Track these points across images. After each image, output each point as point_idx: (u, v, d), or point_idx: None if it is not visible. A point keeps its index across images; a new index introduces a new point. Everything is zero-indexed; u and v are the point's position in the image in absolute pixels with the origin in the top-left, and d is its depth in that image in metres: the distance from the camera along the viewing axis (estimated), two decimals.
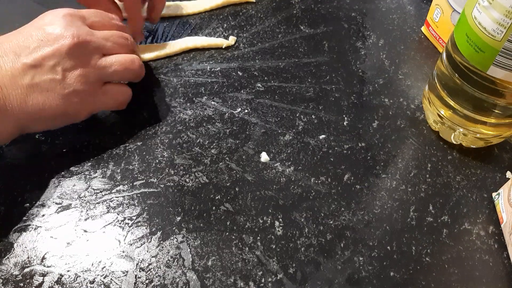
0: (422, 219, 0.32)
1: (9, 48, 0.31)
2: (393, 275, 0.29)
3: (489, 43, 0.27)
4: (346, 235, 0.31)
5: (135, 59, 0.35)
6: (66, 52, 0.31)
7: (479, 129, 0.33)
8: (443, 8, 0.41)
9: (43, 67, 0.31)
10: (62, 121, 0.34)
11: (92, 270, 0.29)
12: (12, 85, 0.30)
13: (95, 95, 0.34)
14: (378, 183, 0.34)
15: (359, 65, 0.42)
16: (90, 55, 0.33)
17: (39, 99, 0.31)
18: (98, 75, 0.33)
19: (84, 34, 0.32)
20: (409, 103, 0.39)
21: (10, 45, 0.31)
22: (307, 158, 0.35)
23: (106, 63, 0.33)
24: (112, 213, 0.32)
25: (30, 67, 0.30)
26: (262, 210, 0.32)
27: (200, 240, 0.30)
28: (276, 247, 0.30)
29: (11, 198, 0.32)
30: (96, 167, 0.34)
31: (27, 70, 0.30)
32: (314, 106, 0.39)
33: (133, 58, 0.35)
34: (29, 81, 0.30)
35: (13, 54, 0.30)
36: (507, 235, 0.30)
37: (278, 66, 0.42)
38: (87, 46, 0.32)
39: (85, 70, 0.32)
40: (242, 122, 0.37)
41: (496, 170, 0.35)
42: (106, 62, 0.34)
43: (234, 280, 0.28)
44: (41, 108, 0.31)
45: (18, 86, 0.30)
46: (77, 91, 0.32)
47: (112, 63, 0.34)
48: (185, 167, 0.34)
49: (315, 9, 0.48)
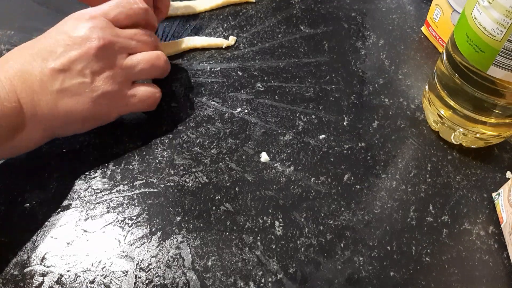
0: (422, 219, 0.32)
1: (37, 54, 0.30)
2: (393, 275, 0.29)
3: (489, 43, 0.27)
4: (346, 235, 0.31)
5: (160, 55, 0.35)
6: (93, 55, 0.31)
7: (479, 129, 0.33)
8: (443, 8, 0.41)
9: (72, 71, 0.31)
10: (92, 124, 0.34)
11: (92, 270, 0.29)
12: (42, 91, 0.30)
13: (124, 97, 0.33)
14: (378, 183, 0.34)
15: (359, 65, 0.42)
16: (116, 55, 0.33)
17: (69, 103, 0.31)
18: (125, 75, 0.33)
19: (109, 35, 0.32)
20: (409, 103, 0.39)
21: (37, 51, 0.31)
22: (307, 158, 0.35)
23: (132, 62, 0.33)
24: (112, 213, 0.32)
25: (58, 72, 0.30)
26: (262, 210, 0.32)
27: (200, 240, 0.30)
28: (276, 247, 0.30)
29: (11, 198, 0.32)
30: (96, 167, 0.34)
31: (56, 75, 0.30)
32: (314, 106, 0.39)
33: (158, 55, 0.35)
34: (59, 86, 0.30)
35: (41, 59, 0.30)
36: (507, 235, 0.30)
37: (278, 66, 0.42)
38: (113, 47, 0.32)
39: (112, 71, 0.32)
40: (242, 122, 0.37)
41: (496, 170, 0.35)
42: (132, 61, 0.33)
43: (234, 280, 0.29)
44: (71, 112, 0.31)
45: (48, 92, 0.30)
46: (105, 93, 0.32)
47: (138, 61, 0.34)
48: (185, 167, 0.34)
49: (315, 9, 0.48)
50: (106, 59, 0.32)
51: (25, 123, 0.29)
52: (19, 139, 0.30)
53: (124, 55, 0.33)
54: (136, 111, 0.36)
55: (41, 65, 0.30)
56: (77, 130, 0.34)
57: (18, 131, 0.29)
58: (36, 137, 0.31)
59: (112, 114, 0.34)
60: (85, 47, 0.31)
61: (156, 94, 0.35)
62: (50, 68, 0.30)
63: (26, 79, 0.29)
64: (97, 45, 0.31)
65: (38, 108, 0.30)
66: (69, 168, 0.34)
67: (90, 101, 0.31)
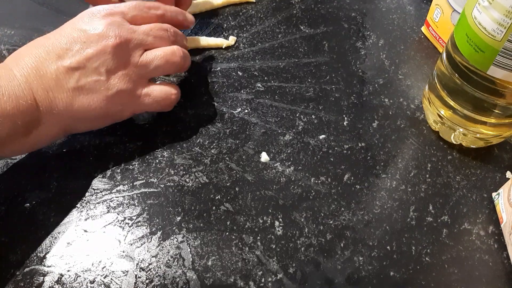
0: (422, 219, 0.32)
1: (52, 51, 0.30)
2: (393, 275, 0.29)
3: (489, 43, 0.27)
4: (346, 235, 0.31)
5: (176, 51, 0.34)
6: (109, 53, 0.31)
7: (479, 129, 0.33)
8: (443, 8, 0.41)
9: (87, 68, 0.30)
10: (106, 121, 0.34)
11: (92, 270, 0.29)
12: (58, 89, 0.30)
13: (138, 96, 0.33)
14: (378, 183, 0.34)
15: (359, 65, 0.42)
16: (132, 53, 0.32)
17: (85, 101, 0.31)
18: (140, 73, 0.33)
19: (126, 33, 0.32)
20: (409, 103, 0.39)
21: (52, 48, 0.30)
22: (307, 158, 0.35)
23: (147, 59, 0.33)
24: (112, 213, 0.32)
25: (74, 70, 0.30)
26: (262, 210, 0.32)
27: (200, 240, 0.30)
28: (276, 247, 0.30)
29: (11, 198, 0.32)
30: (96, 167, 0.34)
31: (71, 72, 0.30)
32: (314, 106, 0.39)
33: (173, 50, 0.34)
34: (75, 83, 0.30)
35: (56, 56, 0.30)
36: (507, 235, 0.30)
37: (278, 66, 0.42)
38: (129, 45, 0.32)
39: (127, 70, 0.32)
40: (242, 122, 0.37)
41: (496, 170, 0.35)
42: (147, 58, 0.33)
43: (234, 280, 0.29)
44: (86, 109, 0.31)
45: (64, 89, 0.30)
46: (120, 92, 0.32)
47: (153, 58, 0.33)
48: (185, 167, 0.34)
49: (315, 9, 0.48)
50: (122, 57, 0.32)
51: (41, 119, 0.30)
52: (34, 135, 0.30)
53: (140, 52, 0.33)
54: (151, 110, 0.35)
55: (56, 63, 0.30)
56: (91, 127, 0.34)
57: (34, 127, 0.29)
58: (51, 133, 0.31)
59: (125, 112, 0.34)
60: (101, 45, 0.31)
61: (172, 96, 0.35)
62: (66, 66, 0.30)
63: (42, 76, 0.29)
64: (113, 43, 0.31)
65: (54, 105, 0.30)
66: (69, 168, 0.34)
67: (105, 99, 0.31)
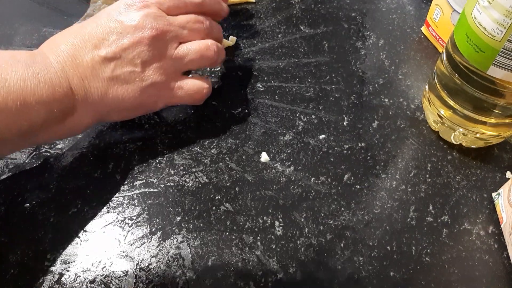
0: (422, 219, 0.32)
1: (88, 40, 0.30)
2: (393, 275, 0.29)
3: (489, 43, 0.27)
4: (346, 235, 0.31)
5: (210, 45, 0.34)
6: (145, 44, 0.31)
7: (479, 129, 0.33)
8: (443, 8, 0.41)
9: (123, 59, 0.31)
10: (138, 112, 0.34)
11: (92, 270, 0.29)
12: (93, 78, 0.30)
13: (172, 89, 0.33)
14: (378, 183, 0.34)
15: (359, 65, 0.42)
16: (168, 45, 0.32)
17: (119, 91, 0.31)
18: (174, 65, 0.33)
19: (162, 25, 0.32)
20: (409, 103, 0.39)
21: (88, 37, 0.31)
22: (307, 158, 0.35)
23: (182, 52, 0.33)
24: (112, 213, 0.32)
25: (110, 60, 0.30)
26: (262, 210, 0.32)
27: (200, 240, 0.30)
28: (276, 247, 0.30)
29: (11, 198, 0.32)
30: (96, 167, 0.34)
31: (107, 62, 0.30)
32: (314, 106, 0.39)
33: (207, 45, 0.34)
34: (110, 73, 0.30)
35: (93, 46, 0.30)
36: (507, 235, 0.30)
37: (278, 66, 0.42)
38: (165, 37, 0.32)
39: (162, 62, 0.32)
40: (242, 122, 0.37)
41: (496, 170, 0.35)
42: (182, 51, 0.33)
43: (234, 280, 0.29)
44: (120, 99, 0.31)
45: (99, 78, 0.30)
46: (154, 84, 0.32)
47: (188, 52, 0.33)
48: (185, 167, 0.34)
49: (315, 9, 0.48)
50: (157, 49, 0.32)
51: (76, 108, 0.30)
52: (68, 123, 0.30)
53: (175, 44, 0.33)
54: (183, 103, 0.35)
55: (92, 52, 0.30)
56: (124, 117, 0.34)
57: (69, 115, 0.30)
58: (85, 121, 0.31)
59: (158, 104, 0.34)
60: (137, 36, 0.31)
61: (204, 90, 0.35)
62: (102, 55, 0.30)
63: (78, 65, 0.30)
64: (150, 35, 0.31)
65: (89, 94, 0.30)
66: (69, 168, 0.34)
67: (139, 90, 0.32)
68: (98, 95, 0.30)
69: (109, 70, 0.30)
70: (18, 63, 0.28)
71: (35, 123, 0.28)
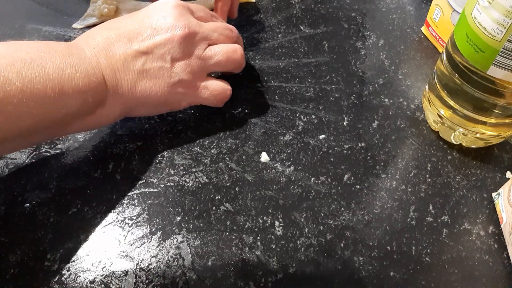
0: (422, 219, 0.32)
1: (123, 34, 0.32)
2: (393, 275, 0.29)
3: (489, 43, 0.27)
4: (346, 235, 0.31)
5: (238, 49, 0.35)
6: (177, 42, 0.32)
7: (479, 129, 0.33)
8: (443, 8, 0.41)
9: (154, 54, 0.32)
10: (163, 108, 0.35)
11: (92, 270, 0.29)
12: (124, 70, 0.31)
13: (197, 88, 0.34)
14: (378, 183, 0.34)
15: (359, 65, 0.42)
16: (197, 45, 0.34)
17: (147, 85, 0.32)
18: (202, 65, 0.34)
19: (194, 26, 0.33)
20: (409, 103, 0.39)
21: (123, 31, 0.32)
22: (307, 158, 0.35)
23: (210, 53, 0.34)
24: (112, 213, 0.32)
25: (142, 54, 0.32)
26: (262, 210, 0.32)
27: (200, 240, 0.30)
28: (276, 247, 0.30)
29: (11, 198, 0.32)
30: (96, 167, 0.34)
31: (139, 56, 0.32)
32: (314, 106, 0.39)
33: (235, 48, 0.35)
34: (140, 67, 0.32)
35: (127, 40, 0.32)
36: (507, 235, 0.30)
37: (278, 66, 0.42)
38: (196, 37, 0.33)
39: (191, 60, 0.33)
40: (242, 122, 0.37)
41: (496, 170, 0.35)
42: (210, 52, 0.34)
43: (234, 280, 0.29)
44: (147, 94, 0.32)
45: (130, 71, 0.31)
46: (182, 81, 0.33)
47: (216, 53, 0.34)
48: (185, 167, 0.34)
49: (315, 9, 0.48)
50: (187, 47, 0.33)
51: (107, 99, 0.31)
52: (99, 114, 0.31)
53: (204, 45, 0.34)
54: (205, 104, 0.36)
55: (126, 46, 0.31)
56: (149, 113, 0.36)
57: (100, 106, 0.31)
58: (113, 114, 0.32)
59: (182, 102, 0.35)
60: (170, 34, 0.32)
61: (227, 92, 0.36)
62: (135, 49, 0.31)
63: (111, 57, 0.31)
64: (182, 34, 0.32)
65: (119, 86, 0.31)
66: (69, 168, 0.34)
67: (166, 86, 0.33)
68: (128, 87, 0.31)
69: (140, 64, 0.32)
70: (56, 53, 0.29)
71: (70, 112, 0.29)
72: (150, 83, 0.32)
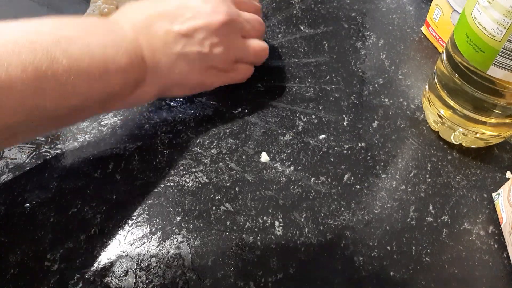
0: (422, 219, 0.32)
1: (164, 14, 0.32)
2: (393, 275, 0.29)
3: (489, 43, 0.27)
4: (346, 235, 0.31)
5: (266, 49, 0.37)
6: (216, 28, 0.32)
7: (479, 129, 0.33)
8: (443, 8, 0.41)
9: (194, 38, 0.32)
10: (196, 90, 0.36)
11: (92, 270, 0.29)
12: (164, 50, 0.31)
13: (229, 71, 0.36)
14: (378, 183, 0.34)
15: (359, 65, 0.42)
16: (234, 34, 0.34)
17: (185, 68, 0.32)
18: (235, 54, 0.35)
19: (234, 14, 0.34)
20: (409, 103, 0.39)
21: (164, 11, 0.32)
22: (307, 158, 0.35)
23: (244, 45, 0.35)
24: (112, 213, 0.32)
25: (182, 36, 0.32)
26: (262, 210, 0.32)
27: (200, 240, 0.30)
28: (276, 247, 0.30)
29: (11, 198, 0.32)
30: (96, 167, 0.34)
31: (179, 38, 0.32)
32: (314, 106, 0.39)
33: (264, 48, 0.37)
34: (180, 49, 0.32)
35: (168, 21, 0.31)
36: (507, 235, 0.30)
37: (278, 66, 0.42)
38: (234, 26, 0.34)
39: (227, 48, 0.34)
40: (242, 122, 0.37)
41: (496, 170, 0.35)
42: (244, 45, 0.35)
43: (234, 280, 0.28)
44: (184, 76, 0.33)
45: (170, 52, 0.31)
46: (217, 66, 0.34)
47: (248, 46, 0.36)
48: (185, 167, 0.34)
49: (315, 9, 0.48)
50: (225, 35, 0.33)
51: (146, 78, 0.31)
52: (138, 93, 0.31)
53: (239, 35, 0.35)
54: (233, 83, 0.38)
55: (167, 26, 0.31)
56: (184, 93, 0.37)
57: (139, 85, 0.31)
58: (150, 93, 0.32)
59: (215, 83, 0.36)
60: (210, 19, 0.32)
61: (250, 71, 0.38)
62: (176, 31, 0.31)
63: (152, 37, 0.31)
64: (222, 20, 0.33)
65: (158, 66, 0.31)
66: (69, 168, 0.34)
67: (202, 70, 0.34)
68: (166, 68, 0.32)
69: (179, 46, 0.32)
70: (98, 29, 0.29)
71: (113, 91, 0.29)
72: (188, 67, 0.32)
